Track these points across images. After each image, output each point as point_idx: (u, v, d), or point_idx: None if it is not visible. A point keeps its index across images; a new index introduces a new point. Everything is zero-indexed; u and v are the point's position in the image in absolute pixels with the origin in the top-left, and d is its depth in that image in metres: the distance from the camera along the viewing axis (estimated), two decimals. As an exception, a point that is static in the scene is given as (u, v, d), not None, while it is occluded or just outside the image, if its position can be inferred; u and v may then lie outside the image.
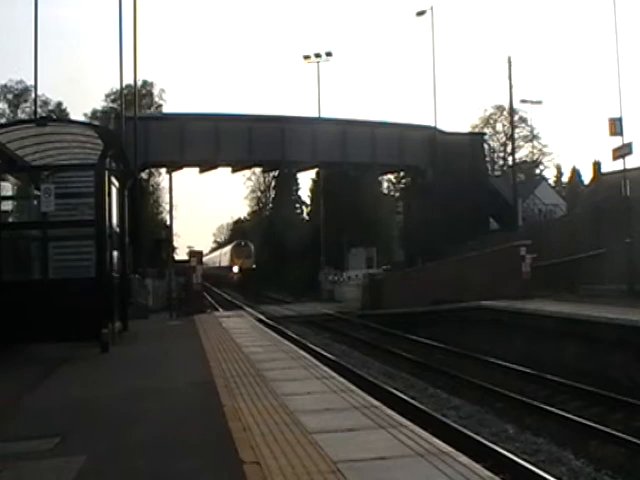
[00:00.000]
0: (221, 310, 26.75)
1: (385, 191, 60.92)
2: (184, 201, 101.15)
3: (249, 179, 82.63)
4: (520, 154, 55.61)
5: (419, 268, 29.08)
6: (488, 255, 21.01)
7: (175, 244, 30.17)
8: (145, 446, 5.59)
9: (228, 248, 62.81)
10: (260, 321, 19.97)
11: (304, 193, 76.02)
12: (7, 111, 57.44)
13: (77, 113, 79.16)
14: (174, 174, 31.25)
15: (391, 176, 55.59)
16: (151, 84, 56.77)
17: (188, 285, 20.63)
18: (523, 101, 43.91)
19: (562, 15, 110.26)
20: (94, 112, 55.93)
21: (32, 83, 44.73)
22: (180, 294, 20.81)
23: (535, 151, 61.14)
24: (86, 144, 13.87)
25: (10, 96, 57.83)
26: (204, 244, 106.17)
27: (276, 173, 70.39)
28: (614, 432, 8.22)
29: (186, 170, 34.15)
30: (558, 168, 68.59)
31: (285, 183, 76.25)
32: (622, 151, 20.87)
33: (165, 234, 26.24)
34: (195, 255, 22.14)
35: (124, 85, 26.63)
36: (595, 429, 8.50)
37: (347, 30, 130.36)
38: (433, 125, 34.38)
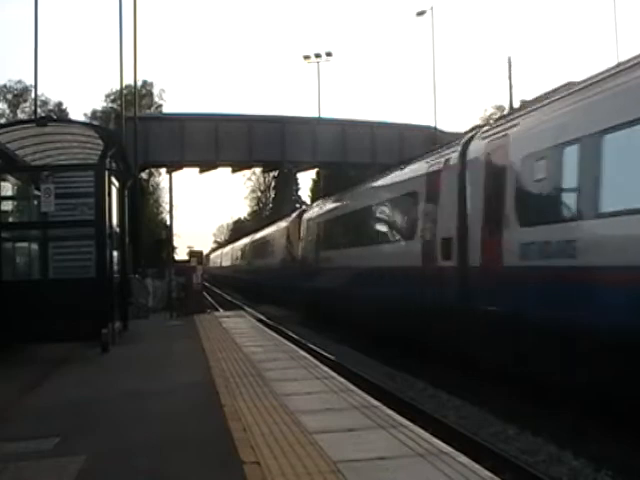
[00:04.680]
0: (221, 310, 26.72)
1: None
2: (184, 201, 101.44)
3: (249, 179, 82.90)
4: (520, 154, 55.50)
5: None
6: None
7: (175, 244, 30.09)
8: (145, 446, 5.59)
9: None
10: (260, 321, 19.97)
11: (304, 193, 76.24)
12: (7, 111, 57.49)
13: (77, 113, 79.50)
14: (174, 174, 31.25)
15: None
16: (151, 84, 56.87)
17: (188, 285, 20.62)
18: (523, 101, 43.95)
19: (562, 15, 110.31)
20: (94, 112, 56.04)
21: (31, 83, 45.07)
22: (180, 294, 20.80)
23: (535, 151, 61.15)
24: (86, 144, 13.89)
25: (10, 96, 57.88)
26: (204, 244, 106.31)
27: (276, 173, 70.55)
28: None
29: (186, 170, 34.24)
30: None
31: (285, 183, 76.40)
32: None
33: (165, 234, 26.18)
34: (195, 255, 22.16)
35: (124, 85, 26.68)
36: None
37: (347, 30, 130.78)
38: (433, 125, 34.42)
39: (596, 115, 8.33)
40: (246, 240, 49.76)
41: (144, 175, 41.01)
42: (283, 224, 33.04)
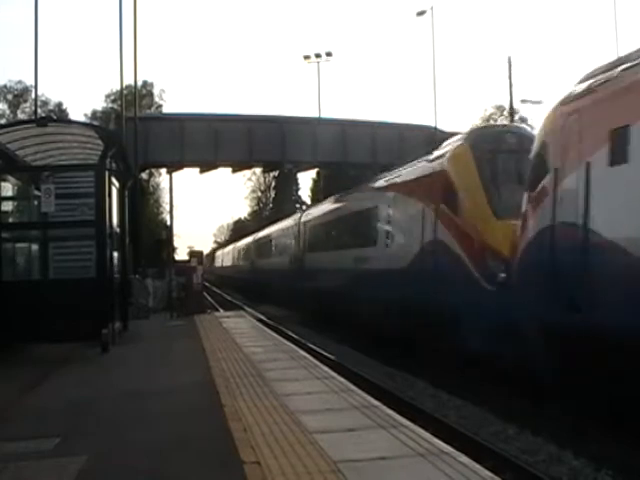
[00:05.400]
0: (221, 310, 26.72)
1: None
2: (184, 201, 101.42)
3: (249, 179, 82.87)
4: (520, 154, 55.54)
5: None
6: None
7: (175, 244, 30.07)
8: (145, 446, 5.59)
9: None
10: (260, 321, 19.98)
11: (304, 193, 76.24)
12: (7, 112, 57.48)
13: (77, 113, 79.51)
14: (174, 174, 31.27)
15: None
16: (151, 84, 56.87)
17: (188, 285, 20.62)
18: (523, 101, 43.85)
19: (562, 15, 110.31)
20: (94, 112, 56.05)
21: (32, 83, 45.04)
22: (180, 294, 20.80)
23: (535, 151, 61.10)
24: (86, 144, 13.89)
25: (10, 96, 57.86)
26: (204, 244, 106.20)
27: (276, 173, 70.56)
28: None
29: (186, 170, 34.29)
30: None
31: (285, 183, 76.46)
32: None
33: (165, 234, 26.19)
34: (195, 255, 22.15)
35: (124, 85, 26.66)
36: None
37: (347, 30, 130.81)
38: (433, 125, 34.41)
39: None
40: (288, 222, 31.26)
41: (144, 175, 41.04)
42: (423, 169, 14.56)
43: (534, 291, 8.80)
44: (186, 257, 25.11)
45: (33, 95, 44.70)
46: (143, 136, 26.89)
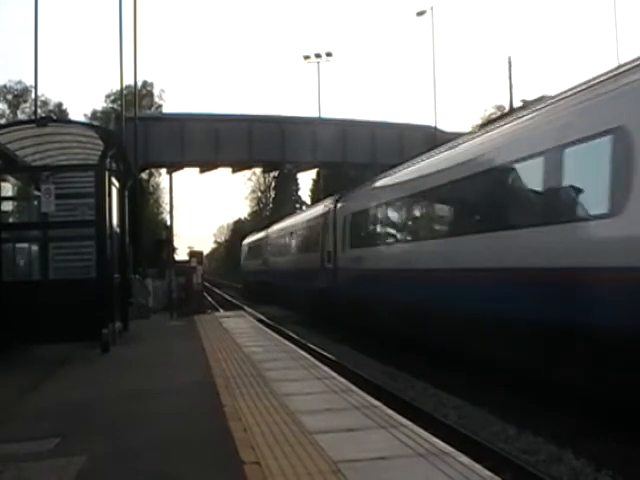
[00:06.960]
0: (221, 310, 26.72)
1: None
2: (184, 201, 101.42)
3: (249, 179, 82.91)
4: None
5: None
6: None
7: (175, 244, 29.94)
8: (145, 446, 5.59)
9: None
10: (260, 321, 19.98)
11: (304, 193, 76.25)
12: (7, 112, 57.50)
13: (77, 113, 79.53)
14: (174, 174, 31.24)
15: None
16: (151, 84, 57.01)
17: (188, 285, 20.62)
18: (523, 101, 43.93)
19: (562, 15, 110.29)
20: (94, 112, 56.15)
21: (32, 83, 45.06)
22: (180, 294, 20.80)
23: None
24: (86, 144, 13.88)
25: (10, 97, 57.89)
26: (204, 244, 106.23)
27: (276, 173, 70.57)
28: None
29: (186, 170, 34.28)
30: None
31: (285, 183, 76.46)
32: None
33: (165, 234, 26.18)
34: (195, 255, 22.16)
35: (124, 85, 26.64)
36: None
37: (347, 30, 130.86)
38: (433, 125, 34.41)
39: None
40: None
41: (144, 175, 41.05)
42: None
43: None
44: (186, 257, 25.12)
45: (33, 95, 44.84)
46: (143, 136, 26.89)
